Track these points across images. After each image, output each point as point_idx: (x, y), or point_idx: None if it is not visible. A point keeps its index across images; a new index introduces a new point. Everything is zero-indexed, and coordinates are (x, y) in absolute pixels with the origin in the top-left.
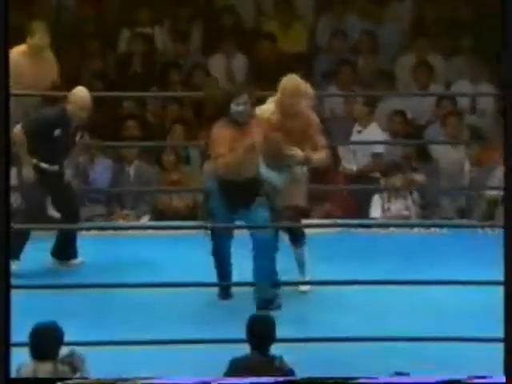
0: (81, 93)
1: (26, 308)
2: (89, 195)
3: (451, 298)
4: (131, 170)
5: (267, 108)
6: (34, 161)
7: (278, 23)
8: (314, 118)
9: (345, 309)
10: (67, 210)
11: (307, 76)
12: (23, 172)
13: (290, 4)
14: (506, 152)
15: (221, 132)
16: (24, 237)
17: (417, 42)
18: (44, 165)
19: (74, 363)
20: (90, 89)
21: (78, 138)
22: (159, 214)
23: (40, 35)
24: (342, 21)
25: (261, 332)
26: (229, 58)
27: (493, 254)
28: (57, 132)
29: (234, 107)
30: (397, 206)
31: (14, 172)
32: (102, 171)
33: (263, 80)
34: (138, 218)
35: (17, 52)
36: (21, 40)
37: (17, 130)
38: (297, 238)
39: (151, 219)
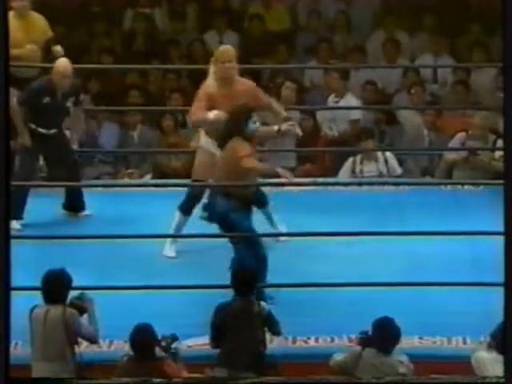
0: (63, 63)
1: (35, 257)
2: (97, 156)
3: (422, 248)
4: (135, 134)
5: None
6: (33, 126)
7: (261, 4)
8: (249, 82)
9: (321, 258)
10: (67, 169)
11: (290, 51)
12: (19, 139)
13: None
14: (506, 144)
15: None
16: (23, 197)
17: (386, 21)
18: (41, 129)
19: (82, 305)
20: (99, 62)
21: (70, 103)
22: (160, 173)
23: None
24: (319, 2)
25: (243, 278)
26: (221, 35)
27: (451, 208)
28: (46, 99)
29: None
30: (369, 168)
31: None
32: (108, 135)
33: (252, 54)
34: (141, 176)
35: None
36: None
37: (11, 102)
38: (259, 200)
39: (153, 177)
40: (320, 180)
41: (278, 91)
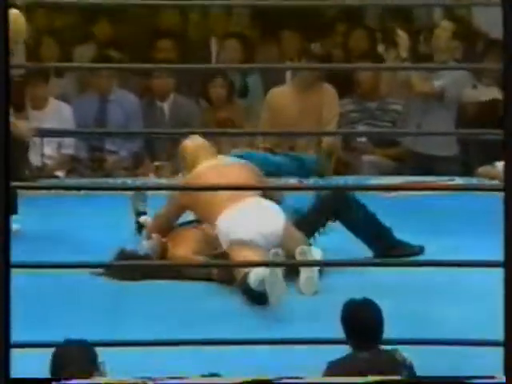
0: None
1: None
2: (104, 140)
3: None
4: (165, 106)
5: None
6: None
7: None
8: None
9: None
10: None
11: None
12: None
13: None
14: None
15: None
16: None
17: None
18: None
19: None
20: None
21: None
22: None
23: None
24: None
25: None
26: None
27: None
28: None
29: None
30: None
31: None
32: (122, 108)
33: None
34: (175, 172)
35: None
36: None
37: None
38: None
39: None
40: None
41: None
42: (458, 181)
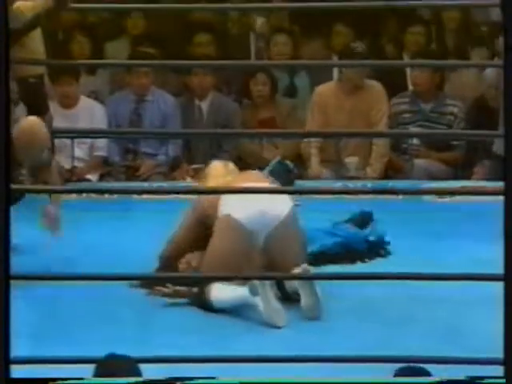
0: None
1: None
2: (139, 142)
3: None
4: (204, 105)
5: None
6: None
7: None
8: None
9: None
10: None
11: None
12: None
13: None
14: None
15: None
16: None
17: None
18: None
19: None
20: None
21: None
22: (245, 169)
23: None
24: None
25: None
26: None
27: None
28: None
29: None
30: None
31: None
32: (158, 108)
33: None
34: None
35: None
36: None
37: None
38: None
39: None
40: None
41: None
42: None
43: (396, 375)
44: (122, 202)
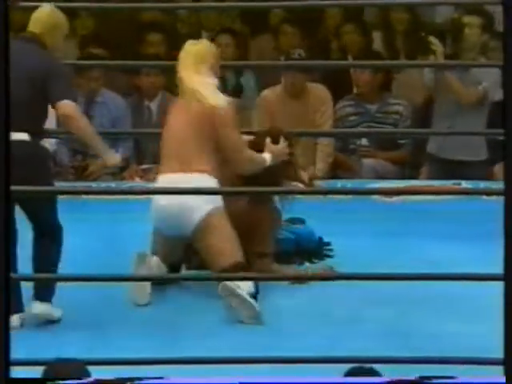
0: None
1: None
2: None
3: None
4: (153, 106)
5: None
6: None
7: None
8: None
9: None
10: None
11: None
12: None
13: None
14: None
15: None
16: None
17: None
18: None
19: None
20: None
21: None
22: None
23: None
24: None
25: None
26: None
27: None
28: None
29: None
30: None
31: None
32: (107, 108)
33: None
34: None
35: None
36: None
37: None
38: None
39: None
40: None
41: None
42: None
43: (347, 375)
44: (70, 203)
